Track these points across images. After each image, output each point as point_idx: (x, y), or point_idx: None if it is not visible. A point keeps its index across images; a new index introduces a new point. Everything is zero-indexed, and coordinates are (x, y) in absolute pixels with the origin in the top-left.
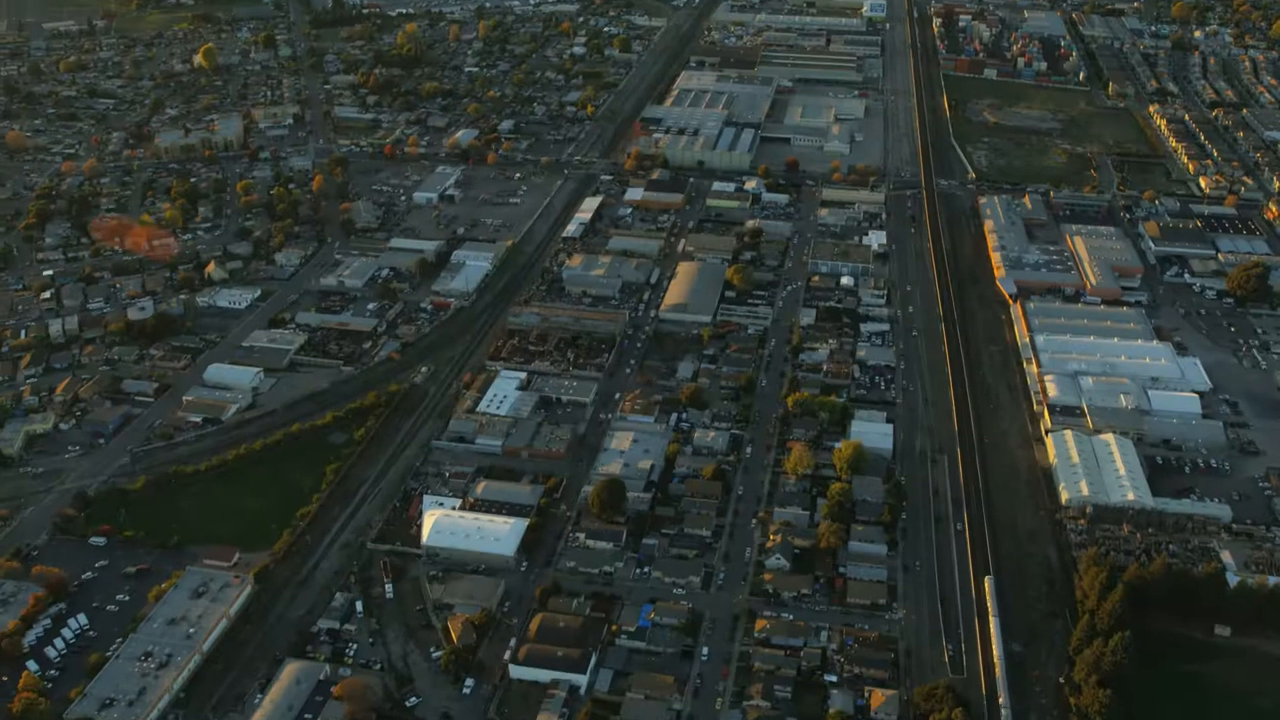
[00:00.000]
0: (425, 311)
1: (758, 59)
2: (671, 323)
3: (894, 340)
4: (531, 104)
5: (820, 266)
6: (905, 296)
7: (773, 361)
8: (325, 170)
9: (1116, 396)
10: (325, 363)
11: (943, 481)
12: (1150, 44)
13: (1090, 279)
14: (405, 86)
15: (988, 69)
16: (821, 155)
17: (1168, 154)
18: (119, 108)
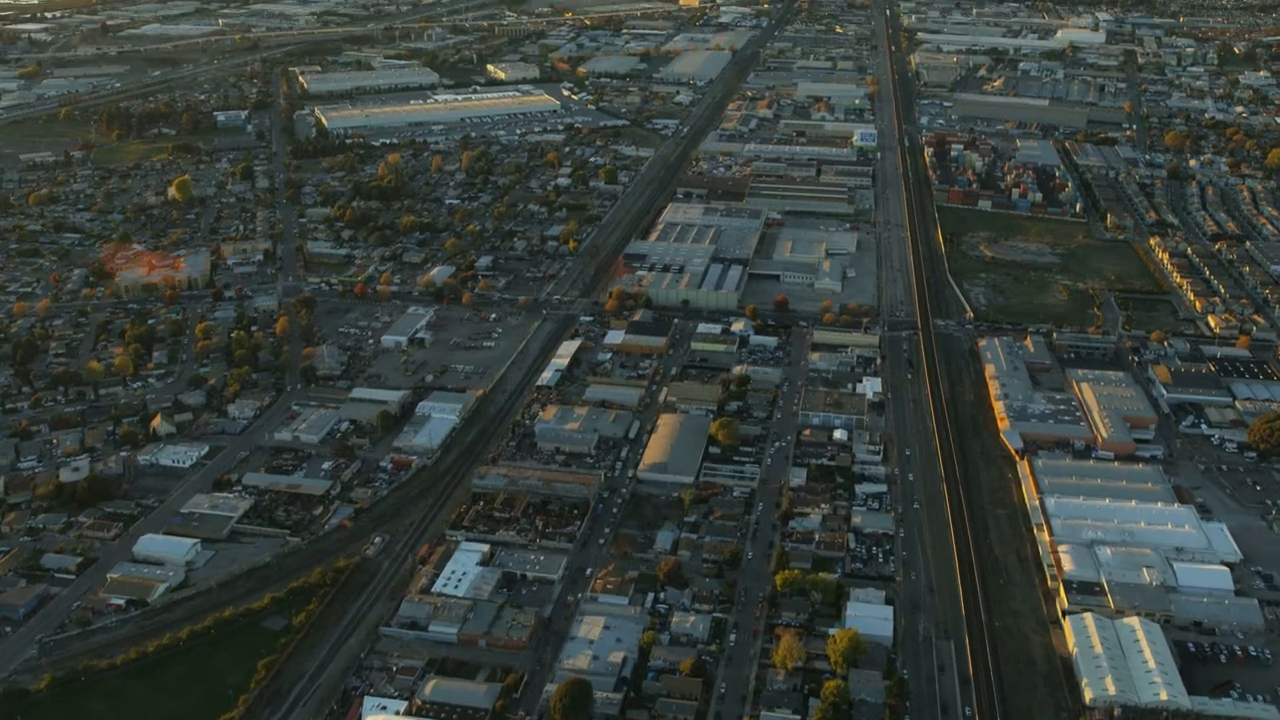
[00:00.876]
0: (384, 471)
1: (746, 190)
2: (650, 484)
3: (892, 504)
4: (512, 238)
5: (812, 418)
6: (903, 452)
7: (760, 529)
8: (291, 311)
9: (1139, 571)
10: (270, 532)
11: (950, 674)
12: (1146, 173)
13: (1101, 431)
14: (382, 220)
15: (982, 200)
16: (812, 293)
17: (1172, 290)
18: (85, 242)
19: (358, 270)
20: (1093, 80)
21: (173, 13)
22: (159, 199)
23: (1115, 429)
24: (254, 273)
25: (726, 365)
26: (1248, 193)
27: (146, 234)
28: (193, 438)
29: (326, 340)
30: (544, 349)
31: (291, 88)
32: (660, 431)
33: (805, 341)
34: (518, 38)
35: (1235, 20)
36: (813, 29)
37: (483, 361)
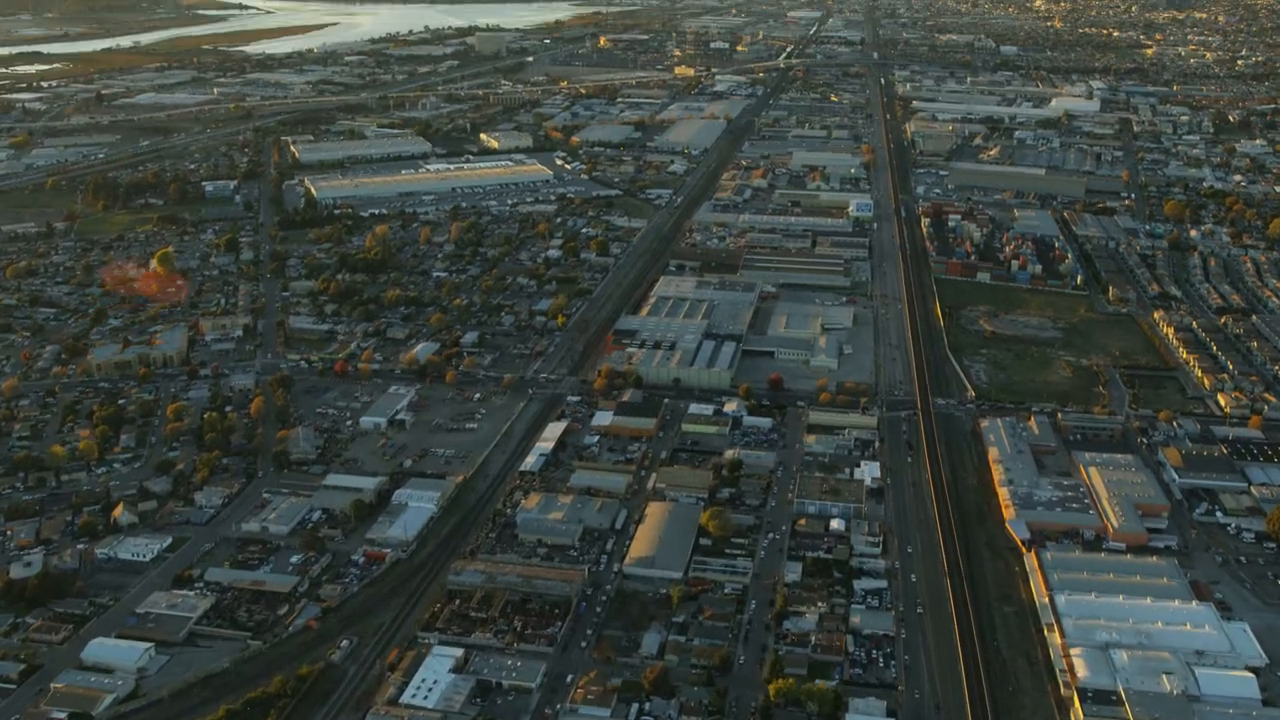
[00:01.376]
0: (355, 565)
1: (740, 262)
2: (637, 579)
3: (893, 601)
4: (500, 312)
5: (807, 507)
6: (904, 544)
7: (753, 630)
8: (267, 391)
9: (1158, 677)
10: (231, 634)
11: None
12: (1147, 244)
13: (1112, 521)
14: (367, 293)
15: (980, 272)
16: (808, 371)
17: (1179, 366)
18: (60, 318)
19: (339, 347)
20: (1089, 149)
21: (169, 82)
22: (140, 271)
23: (1126, 518)
24: (232, 349)
25: (718, 448)
26: (1251, 264)
27: (124, 309)
28: (155, 528)
29: (303, 422)
30: (529, 431)
31: (283, 157)
32: (648, 522)
33: (801, 423)
34: (512, 106)
35: (1228, 88)
36: (808, 97)
37: (465, 445)
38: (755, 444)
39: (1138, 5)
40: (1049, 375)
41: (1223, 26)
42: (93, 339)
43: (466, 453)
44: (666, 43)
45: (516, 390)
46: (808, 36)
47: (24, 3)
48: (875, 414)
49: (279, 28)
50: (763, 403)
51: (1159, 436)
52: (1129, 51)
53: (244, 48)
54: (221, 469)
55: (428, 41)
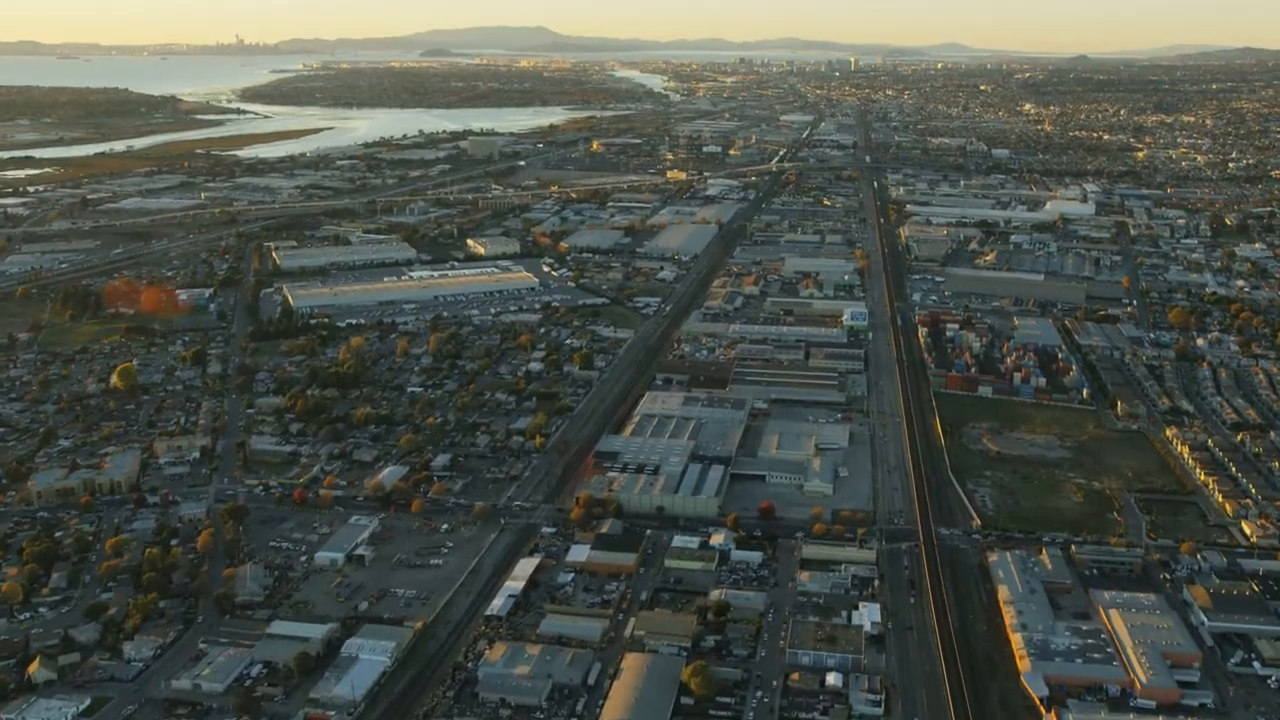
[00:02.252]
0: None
1: (730, 376)
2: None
3: None
4: (475, 432)
5: (801, 657)
6: (908, 703)
7: None
8: (217, 521)
9: None
10: None
11: None
12: (1153, 354)
13: (1139, 674)
14: (336, 411)
15: (982, 386)
16: (802, 497)
17: (1197, 489)
18: (8, 439)
19: (301, 471)
20: (1087, 253)
21: (157, 186)
22: (99, 387)
23: (1155, 670)
24: (186, 474)
25: (704, 587)
26: (1263, 375)
27: (77, 428)
28: (75, 685)
29: (253, 558)
30: (498, 568)
31: (264, 263)
32: (624, 678)
33: (794, 557)
34: (501, 211)
35: (1222, 190)
36: (800, 201)
37: (427, 584)
38: (744, 582)
39: (1126, 109)
40: (1059, 500)
41: (1211, 130)
42: (37, 462)
43: (429, 593)
44: (659, 146)
45: (488, 520)
46: (800, 140)
47: (23, 109)
48: (874, 547)
49: (274, 132)
50: (753, 534)
51: (1182, 571)
52: (1120, 154)
53: (236, 152)
54: (157, 614)
55: (420, 145)
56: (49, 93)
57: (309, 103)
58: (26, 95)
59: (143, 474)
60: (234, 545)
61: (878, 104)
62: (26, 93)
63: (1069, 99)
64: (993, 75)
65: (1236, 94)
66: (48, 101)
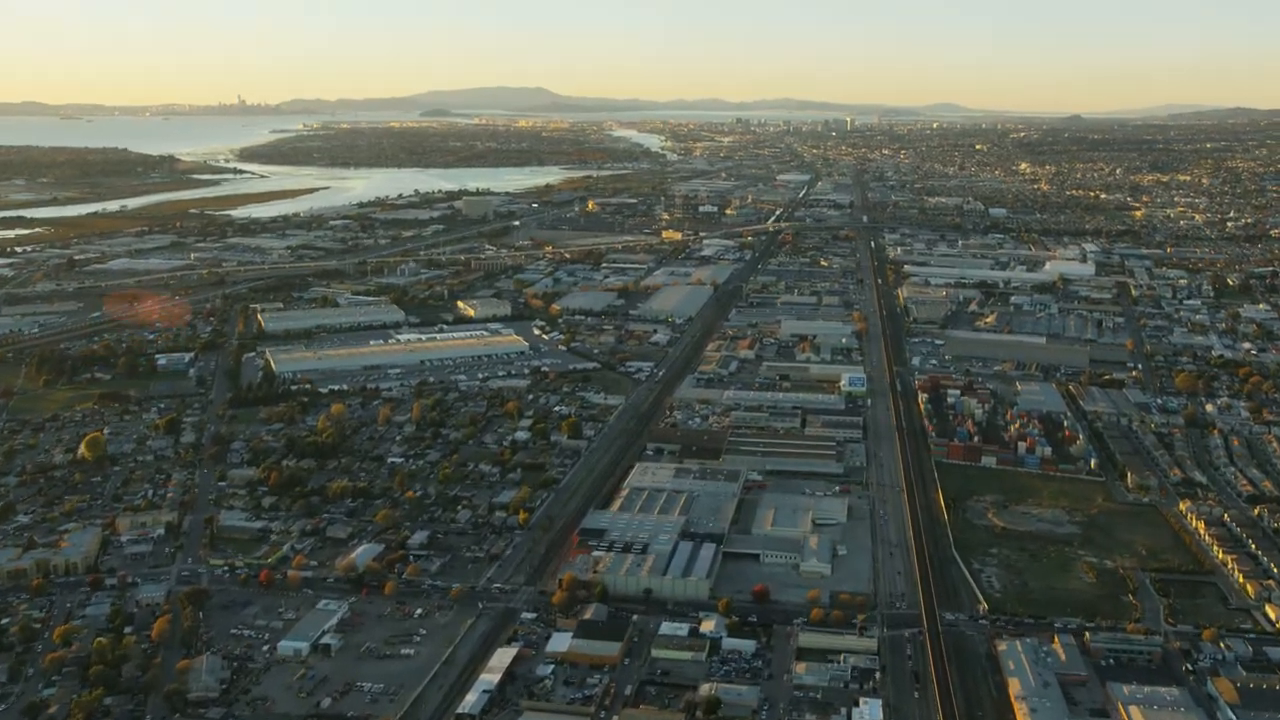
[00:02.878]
0: None
1: (724, 445)
2: None
3: None
4: (456, 506)
5: None
6: None
7: None
8: (176, 606)
9: None
10: None
11: None
12: (1161, 421)
13: None
14: (312, 483)
15: (985, 455)
16: (798, 578)
17: (1215, 569)
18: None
19: (270, 550)
20: (1089, 315)
21: (147, 246)
22: (66, 457)
23: None
24: (149, 553)
25: (693, 680)
26: (1277, 444)
27: (38, 501)
28: None
29: (212, 647)
30: (474, 657)
31: (248, 326)
32: None
33: (789, 646)
34: (493, 272)
35: (1222, 250)
36: (797, 262)
37: (397, 676)
38: (736, 674)
39: (1122, 168)
40: (1070, 581)
41: (1208, 189)
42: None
43: (398, 687)
44: (655, 206)
45: (465, 603)
46: (797, 199)
47: (20, 169)
48: (875, 635)
49: (269, 192)
50: (746, 620)
51: (1205, 661)
52: (1118, 213)
53: (230, 211)
54: (102, 712)
55: (415, 205)
56: (47, 152)
57: (306, 162)
58: (25, 155)
59: (102, 553)
60: (192, 633)
61: (874, 163)
62: (25, 153)
63: (1064, 158)
64: (988, 135)
65: (1231, 153)
66: (46, 161)
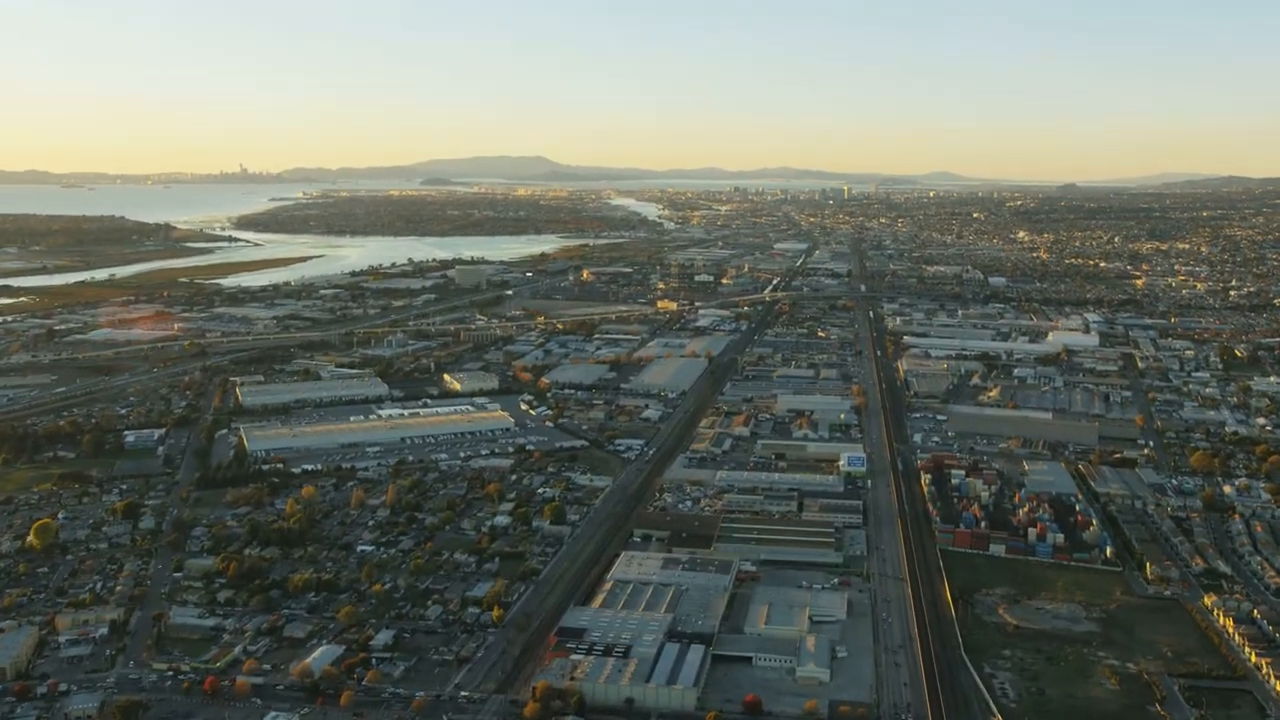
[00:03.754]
0: None
1: (715, 532)
2: None
3: None
4: (427, 601)
5: None
6: None
7: None
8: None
9: None
10: None
11: None
12: (1178, 503)
13: None
14: (273, 575)
15: (994, 543)
16: (794, 684)
17: (1249, 673)
18: None
19: (220, 651)
20: (1095, 388)
21: (130, 315)
22: (15, 545)
23: None
24: (88, 655)
25: None
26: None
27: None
28: None
29: None
30: None
31: (225, 400)
32: None
33: None
34: (483, 344)
35: (1227, 320)
36: (794, 333)
37: None
38: None
39: (1120, 236)
40: (1090, 688)
41: (1208, 257)
42: None
43: None
44: (651, 275)
45: (428, 715)
46: (794, 268)
47: (14, 237)
48: None
49: (262, 260)
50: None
51: None
52: (1118, 282)
53: (220, 280)
54: None
55: (408, 274)
56: (43, 221)
57: (303, 230)
58: (21, 224)
59: (36, 656)
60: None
61: (872, 232)
62: (21, 221)
63: (1062, 226)
64: (984, 203)
65: (1228, 221)
66: (41, 229)
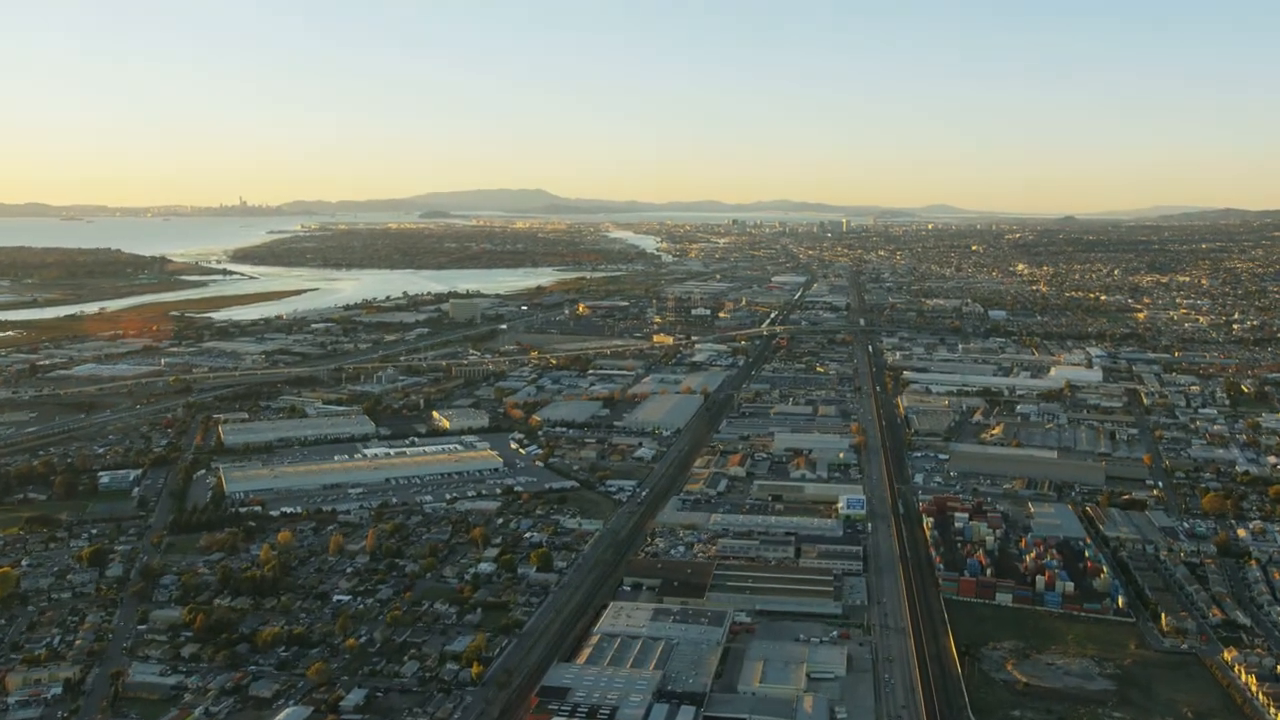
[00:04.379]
0: None
1: (709, 580)
2: None
3: None
4: (403, 656)
5: None
6: None
7: None
8: None
9: None
10: None
11: None
12: (1191, 548)
13: None
14: (243, 627)
15: (1000, 592)
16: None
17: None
18: None
19: (180, 714)
20: (1100, 425)
21: (118, 351)
22: None
23: None
24: (39, 717)
25: None
26: None
27: None
28: None
29: None
30: None
31: (207, 439)
32: None
33: None
34: (474, 379)
35: (1232, 354)
36: (792, 368)
37: None
38: None
39: (1120, 269)
40: None
41: (1209, 290)
42: None
43: None
44: (647, 309)
45: None
46: (792, 302)
47: (8, 270)
48: None
49: (256, 293)
50: None
51: None
52: (1120, 315)
53: (212, 314)
54: None
55: (401, 308)
56: (38, 253)
57: (300, 263)
58: (15, 256)
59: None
60: None
61: (870, 264)
62: (16, 254)
63: (1061, 259)
64: (983, 235)
65: (1227, 254)
66: (36, 262)
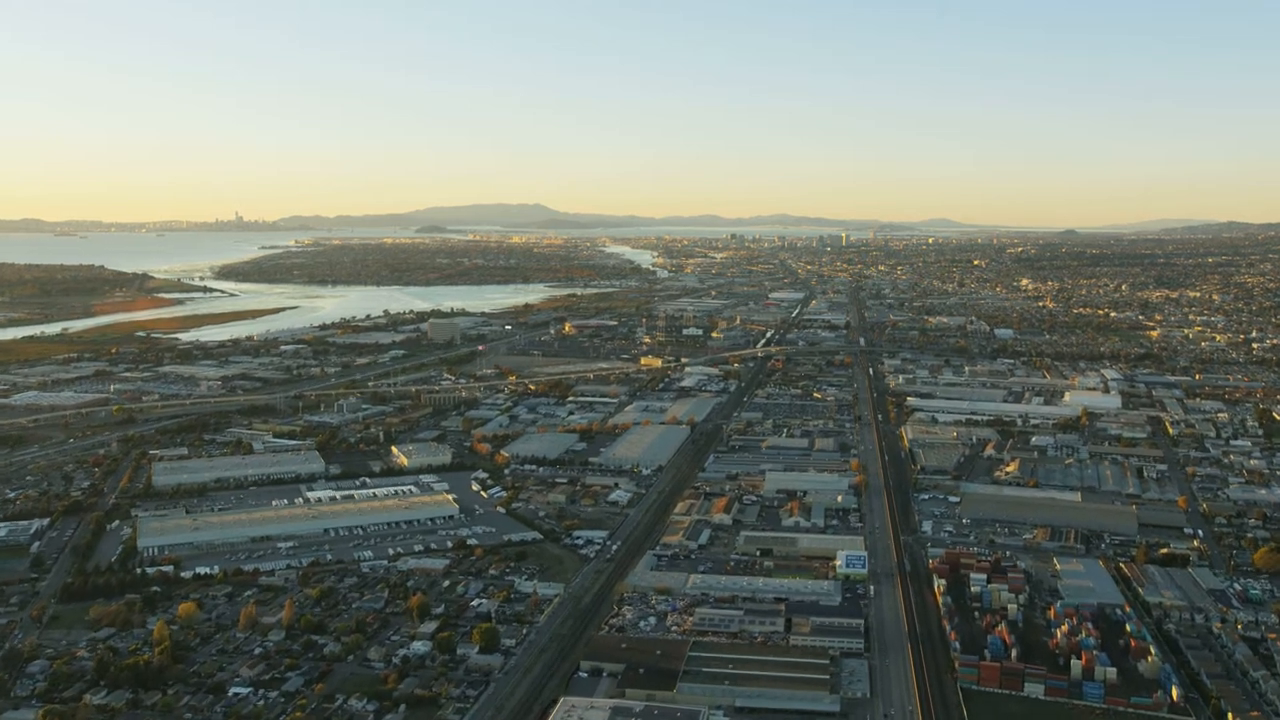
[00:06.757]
0: None
1: (681, 665)
2: None
3: None
4: None
5: None
6: None
7: None
8: None
9: None
10: None
11: None
12: (1247, 617)
13: None
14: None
15: (1029, 681)
16: None
17: None
18: None
19: None
20: (1125, 460)
21: (68, 376)
22: None
23: None
24: None
25: None
26: None
27: None
28: None
29: None
30: None
31: (136, 479)
32: None
33: None
34: (444, 408)
35: (1256, 376)
36: (787, 394)
37: None
38: None
39: (1127, 284)
40: None
41: (1221, 306)
42: None
43: None
44: (637, 328)
45: None
46: (789, 320)
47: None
48: None
49: (231, 312)
50: None
51: None
52: (1132, 334)
53: (179, 335)
54: None
55: (380, 327)
56: (19, 270)
57: (285, 280)
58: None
59: None
60: None
61: (870, 280)
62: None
63: (1065, 273)
64: (984, 250)
65: (1235, 268)
66: (13, 279)
